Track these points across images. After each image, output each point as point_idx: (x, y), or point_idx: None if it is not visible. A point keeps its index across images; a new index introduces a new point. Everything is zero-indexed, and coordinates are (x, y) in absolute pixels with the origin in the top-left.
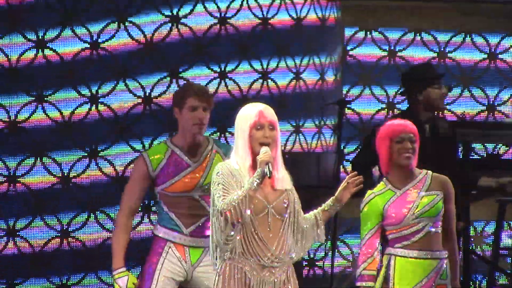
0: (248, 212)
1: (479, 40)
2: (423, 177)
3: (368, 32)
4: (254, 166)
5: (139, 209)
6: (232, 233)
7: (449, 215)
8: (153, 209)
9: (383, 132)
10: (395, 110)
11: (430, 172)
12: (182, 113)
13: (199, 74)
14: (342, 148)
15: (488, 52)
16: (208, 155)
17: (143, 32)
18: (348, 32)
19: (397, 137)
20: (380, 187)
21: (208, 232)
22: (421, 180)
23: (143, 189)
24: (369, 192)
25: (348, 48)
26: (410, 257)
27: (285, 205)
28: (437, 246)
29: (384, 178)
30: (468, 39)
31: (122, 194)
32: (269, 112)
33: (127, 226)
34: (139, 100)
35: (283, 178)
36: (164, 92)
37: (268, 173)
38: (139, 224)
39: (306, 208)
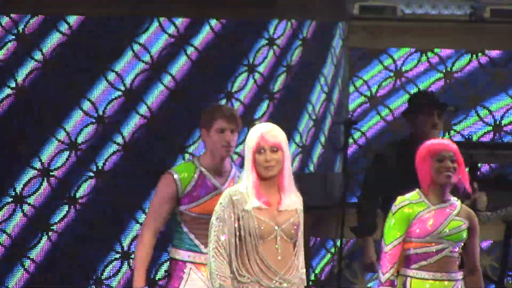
0: (224, 237)
1: (485, 60)
2: (455, 203)
3: (375, 53)
4: (260, 189)
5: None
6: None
7: (473, 248)
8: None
9: (424, 151)
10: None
11: (459, 201)
12: (210, 134)
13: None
14: (348, 168)
15: (494, 72)
16: (232, 181)
17: (149, 53)
18: (354, 53)
19: (438, 155)
20: (415, 197)
21: None
22: (453, 205)
23: (170, 209)
24: (402, 197)
25: (354, 68)
26: (426, 279)
27: (295, 227)
28: (454, 268)
29: (418, 189)
30: (474, 59)
31: (148, 209)
32: (273, 134)
33: (151, 244)
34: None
35: (289, 200)
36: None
37: None
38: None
39: (313, 229)
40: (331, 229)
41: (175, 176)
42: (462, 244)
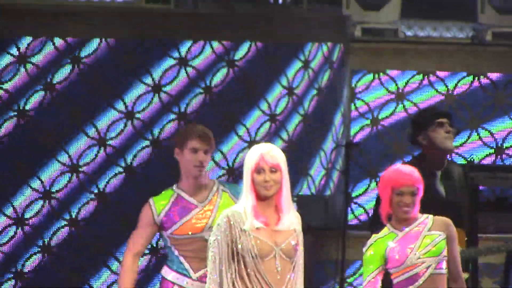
0: (218, 257)
1: (487, 82)
2: (424, 219)
3: (376, 74)
4: (258, 208)
5: (147, 251)
6: None
7: (453, 256)
8: (162, 252)
9: (386, 179)
10: (403, 153)
11: (431, 216)
12: (183, 154)
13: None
14: (349, 190)
15: (495, 94)
16: (215, 196)
17: (151, 75)
18: (356, 74)
19: (398, 189)
20: (384, 231)
21: None
22: (423, 222)
23: (149, 235)
24: (373, 235)
25: (356, 90)
26: None
27: (294, 246)
28: (443, 285)
29: (387, 224)
30: (476, 81)
31: (129, 238)
32: (272, 155)
33: (133, 268)
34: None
35: (288, 220)
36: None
37: None
38: (146, 267)
39: (314, 251)
40: (332, 250)
41: (151, 202)
42: (447, 258)
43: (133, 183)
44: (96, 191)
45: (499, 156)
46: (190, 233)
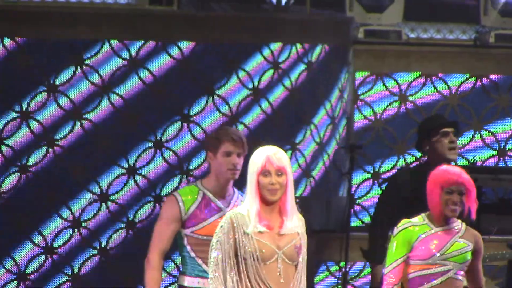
0: (220, 256)
1: (490, 84)
2: (460, 225)
3: (379, 77)
4: (262, 212)
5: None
6: None
7: (477, 270)
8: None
9: (436, 178)
10: (406, 155)
11: (464, 224)
12: (216, 157)
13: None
14: (352, 192)
15: (499, 96)
16: (236, 202)
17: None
18: (359, 76)
19: (447, 187)
20: (419, 220)
21: None
22: (457, 227)
23: (175, 232)
24: (405, 220)
25: (359, 92)
26: None
27: (297, 249)
28: None
29: (423, 214)
30: (479, 83)
31: (153, 233)
32: (278, 158)
33: (159, 266)
34: (150, 144)
35: (292, 224)
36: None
37: None
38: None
39: (316, 253)
40: (335, 252)
41: (178, 198)
42: (467, 268)
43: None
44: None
45: (501, 158)
46: (210, 234)
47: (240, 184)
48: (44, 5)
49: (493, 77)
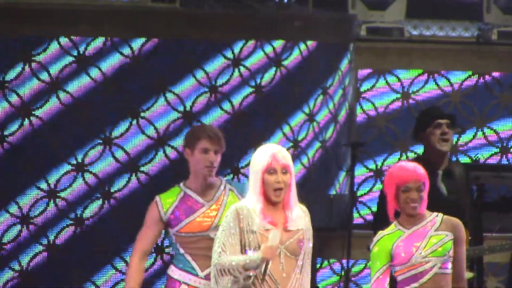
0: (251, 273)
1: (492, 82)
2: (433, 218)
3: (381, 74)
4: (265, 210)
5: (152, 251)
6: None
7: (459, 258)
8: (166, 251)
9: (390, 176)
10: (408, 152)
11: (441, 214)
12: (193, 154)
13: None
14: (355, 190)
15: (501, 94)
16: (222, 195)
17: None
18: (361, 74)
19: (403, 186)
20: (391, 228)
21: None
22: (431, 221)
23: (156, 234)
24: (379, 232)
25: (361, 89)
26: None
27: (300, 245)
28: (448, 285)
29: (395, 221)
30: (481, 81)
31: (136, 236)
32: (283, 155)
33: (139, 268)
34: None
35: (296, 219)
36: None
37: (263, 272)
38: (151, 266)
39: (319, 251)
40: (337, 250)
41: (158, 202)
42: (452, 260)
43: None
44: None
45: (504, 156)
46: (196, 231)
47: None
48: (47, 1)
49: (496, 74)
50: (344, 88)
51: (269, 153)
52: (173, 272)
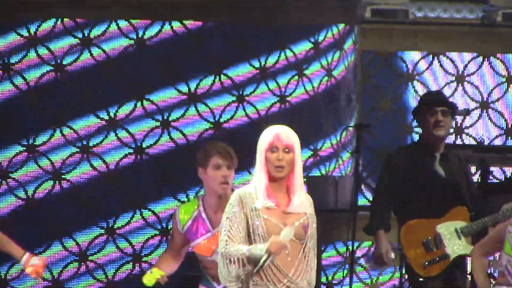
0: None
1: (497, 63)
2: None
3: (386, 56)
4: (269, 189)
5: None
6: (233, 274)
7: None
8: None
9: None
10: (413, 134)
11: None
12: (206, 172)
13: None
14: (360, 172)
15: (506, 75)
16: None
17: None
18: (366, 56)
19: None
20: None
21: None
22: None
23: (179, 241)
24: None
25: (366, 72)
26: None
27: (304, 228)
28: None
29: None
30: (486, 63)
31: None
32: (287, 135)
33: (167, 260)
34: (157, 123)
35: (299, 203)
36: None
37: (260, 264)
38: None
39: (324, 233)
40: (342, 232)
41: (177, 212)
42: None
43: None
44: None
45: (509, 137)
46: (202, 253)
47: None
48: None
49: (501, 56)
50: (349, 70)
51: (273, 132)
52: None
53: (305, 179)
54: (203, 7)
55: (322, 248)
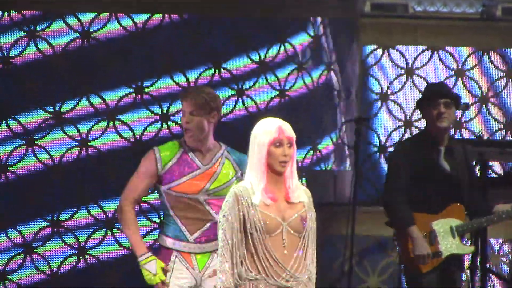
0: (230, 237)
1: (496, 58)
2: None
3: (386, 50)
4: (269, 183)
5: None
6: None
7: None
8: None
9: None
10: (412, 128)
11: None
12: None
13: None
14: (359, 165)
15: (505, 70)
16: (218, 161)
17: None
18: (366, 50)
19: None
20: None
21: (213, 236)
22: None
23: (148, 185)
24: None
25: (366, 66)
26: None
27: (303, 221)
28: None
29: None
30: (485, 57)
31: (127, 184)
32: (288, 128)
33: (133, 214)
34: (157, 117)
35: (296, 190)
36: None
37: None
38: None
39: (323, 226)
40: (342, 226)
41: (157, 154)
42: None
43: None
44: None
45: (509, 132)
46: (186, 192)
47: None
48: None
49: (500, 50)
50: (348, 65)
51: (275, 125)
52: (164, 241)
53: (304, 173)
54: (204, 1)
55: (321, 242)
